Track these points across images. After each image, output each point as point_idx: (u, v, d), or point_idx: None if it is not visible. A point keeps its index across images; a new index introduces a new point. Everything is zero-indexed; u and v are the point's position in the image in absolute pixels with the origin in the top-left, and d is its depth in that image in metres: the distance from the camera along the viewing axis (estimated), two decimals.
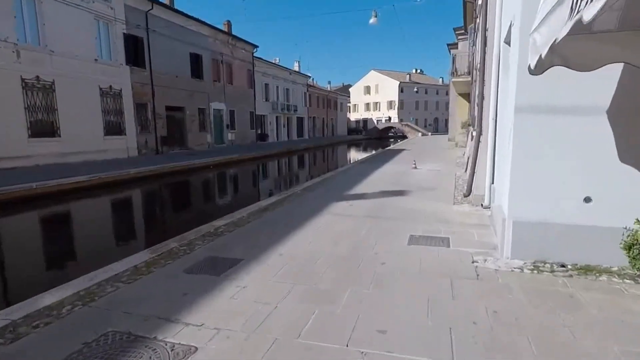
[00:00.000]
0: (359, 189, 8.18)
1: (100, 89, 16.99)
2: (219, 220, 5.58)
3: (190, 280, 3.42)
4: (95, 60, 16.73)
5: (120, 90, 18.06)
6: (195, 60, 23.72)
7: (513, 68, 3.63)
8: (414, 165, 11.77)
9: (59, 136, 15.13)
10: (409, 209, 6.02)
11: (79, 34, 15.83)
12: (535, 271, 3.31)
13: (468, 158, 10.30)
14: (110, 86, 17.46)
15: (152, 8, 19.47)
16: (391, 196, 7.17)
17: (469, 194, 6.13)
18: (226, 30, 27.89)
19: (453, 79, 15.64)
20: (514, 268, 3.39)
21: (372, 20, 14.33)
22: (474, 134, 9.76)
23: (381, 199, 6.94)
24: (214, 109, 25.80)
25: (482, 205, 5.78)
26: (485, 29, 5.77)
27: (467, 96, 21.55)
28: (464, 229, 4.80)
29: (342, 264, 3.67)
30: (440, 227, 4.87)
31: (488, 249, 3.97)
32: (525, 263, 3.46)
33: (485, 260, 3.62)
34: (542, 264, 3.43)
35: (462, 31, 21.28)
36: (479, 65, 9.15)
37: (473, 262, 3.59)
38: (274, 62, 38.70)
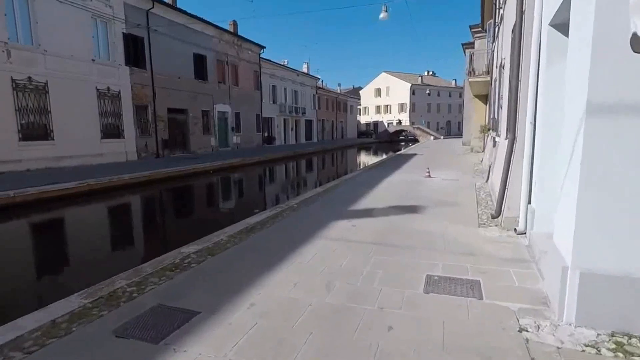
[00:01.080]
0: (365, 202, 7.11)
1: (98, 90, 16.28)
2: (191, 246, 4.58)
3: (116, 350, 2.41)
4: (93, 60, 16.03)
5: (119, 92, 17.34)
6: (199, 61, 22.97)
7: (581, 51, 2.53)
8: (427, 173, 10.64)
9: (52, 139, 14.42)
10: (424, 232, 4.93)
11: (74, 33, 15.15)
12: (621, 354, 2.20)
13: (490, 167, 9.15)
14: (108, 87, 16.75)
15: (153, 7, 18.77)
16: (402, 213, 6.08)
17: (498, 215, 5.01)
18: (232, 30, 27.13)
19: (470, 79, 14.47)
20: (585, 345, 2.29)
21: (382, 15, 13.28)
22: (497, 139, 8.62)
23: (390, 217, 5.85)
24: (218, 112, 25.01)
25: (515, 230, 4.66)
26: (522, 12, 4.67)
27: (484, 98, 20.30)
28: (497, 266, 3.70)
29: (331, 327, 2.62)
30: (466, 263, 3.77)
31: (537, 304, 2.87)
32: (600, 336, 2.36)
33: (538, 327, 2.52)
34: (627, 337, 2.33)
35: (479, 28, 20.05)
36: (503, 62, 8.02)
37: (520, 331, 2.49)
38: (282, 63, 37.89)
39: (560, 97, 3.92)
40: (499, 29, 10.71)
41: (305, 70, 43.78)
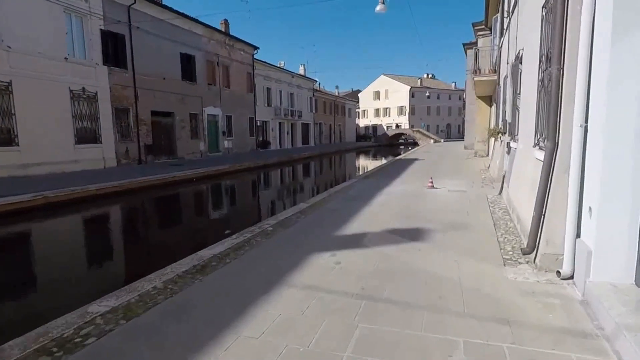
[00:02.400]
0: (356, 224, 5.80)
1: (71, 91, 15.00)
2: (105, 300, 3.27)
3: None
4: (65, 58, 14.76)
5: (96, 93, 16.06)
6: (187, 62, 21.73)
7: None
8: (430, 183, 9.35)
9: (17, 145, 13.12)
10: (431, 276, 3.63)
11: (44, 29, 13.89)
12: None
13: (504, 176, 7.86)
14: (84, 88, 15.47)
15: (134, 2, 17.53)
16: (401, 242, 4.78)
17: (531, 251, 3.71)
18: (223, 29, 25.93)
19: (475, 78, 13.22)
20: None
21: (379, 7, 12.05)
22: (514, 145, 7.34)
23: (385, 248, 4.55)
24: (208, 115, 23.75)
25: (558, 273, 3.37)
26: None
27: (488, 99, 19.08)
28: (549, 346, 2.39)
29: None
30: (499, 340, 2.46)
31: None
32: None
33: None
34: None
35: (483, 26, 18.86)
36: (521, 53, 6.75)
37: None
38: (278, 65, 36.69)
39: (635, 86, 2.64)
40: (509, 20, 9.47)
41: (302, 72, 42.60)
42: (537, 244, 3.64)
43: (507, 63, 9.39)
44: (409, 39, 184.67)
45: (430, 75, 73.73)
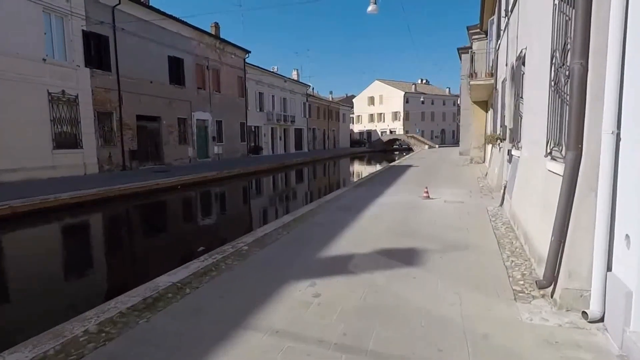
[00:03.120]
0: (343, 243, 5.15)
1: (50, 94, 14.28)
2: (21, 350, 2.59)
3: None
4: (43, 60, 14.05)
5: (77, 96, 15.34)
6: (175, 65, 21.08)
7: None
8: (426, 193, 8.74)
9: None
10: (429, 316, 2.98)
11: (19, 28, 13.19)
12: None
13: (504, 186, 7.27)
14: (63, 91, 14.75)
15: (119, 3, 16.88)
16: (393, 266, 4.13)
17: (549, 284, 3.07)
18: (214, 32, 25.34)
19: (472, 82, 12.70)
20: None
21: (370, 8, 11.51)
22: (516, 153, 6.76)
23: (375, 275, 3.90)
24: (197, 119, 23.07)
25: (584, 315, 2.74)
26: None
27: (484, 104, 18.62)
28: None
29: None
30: None
31: None
32: None
33: None
34: None
35: (477, 30, 18.44)
36: (523, 53, 6.19)
37: None
38: (272, 70, 36.15)
39: None
40: (507, 19, 8.95)
41: (295, 77, 42.12)
42: (556, 276, 3.01)
43: (506, 65, 8.85)
44: (403, 44, 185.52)
45: (424, 81, 73.71)
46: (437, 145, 51.35)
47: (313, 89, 47.28)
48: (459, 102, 66.12)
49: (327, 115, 49.11)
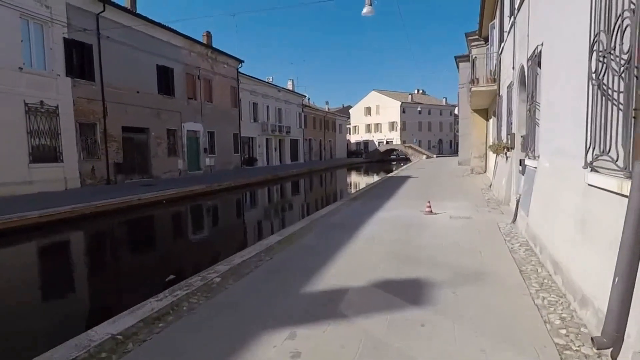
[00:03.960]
0: (333, 273, 4.30)
1: (26, 104, 13.45)
2: None
3: None
4: (20, 69, 13.27)
5: (57, 107, 14.53)
6: (164, 74, 20.37)
7: None
8: (428, 208, 7.92)
9: None
10: None
11: None
12: None
13: (517, 200, 6.49)
14: (42, 101, 13.94)
15: (104, 10, 16.22)
16: (395, 309, 3.28)
17: (612, 343, 2.24)
18: (205, 42, 24.76)
19: (473, 89, 12.02)
20: None
21: (365, 10, 10.87)
22: (531, 163, 5.97)
23: (372, 321, 3.06)
24: (187, 131, 22.28)
25: None
26: None
27: (484, 112, 17.99)
28: None
29: None
30: None
31: None
32: None
33: None
34: None
35: (476, 36, 17.91)
36: (539, 50, 5.47)
37: None
38: (267, 80, 35.62)
39: None
40: (513, 19, 8.29)
41: (290, 87, 41.62)
42: (622, 333, 2.18)
43: (513, 68, 8.16)
44: (401, 54, 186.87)
45: (420, 91, 73.62)
46: (434, 155, 50.77)
47: (309, 99, 46.86)
48: (456, 112, 65.97)
49: (324, 125, 48.53)
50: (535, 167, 5.45)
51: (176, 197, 14.35)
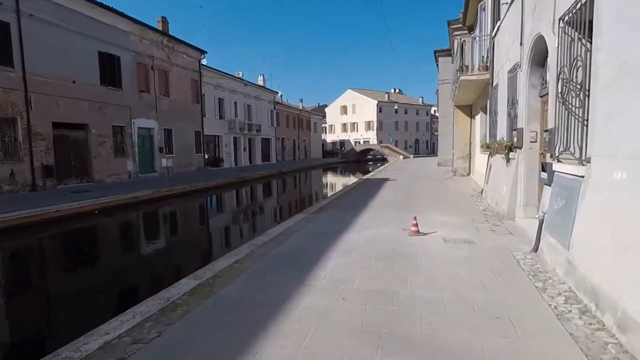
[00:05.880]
0: (280, 344, 2.23)
1: None
2: None
3: None
4: None
5: None
6: (109, 63, 17.68)
7: None
8: (414, 226, 5.98)
9: None
10: None
11: None
12: None
13: (540, 222, 4.62)
14: None
15: None
16: None
17: None
18: (161, 28, 22.13)
19: (462, 77, 10.24)
20: None
21: None
22: (564, 169, 4.05)
23: None
24: (139, 128, 19.63)
25: None
26: None
27: (468, 109, 16.38)
28: None
29: None
30: None
31: None
32: None
33: None
34: None
35: (459, 25, 16.32)
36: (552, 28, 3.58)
37: None
38: (235, 75, 33.15)
39: None
40: None
41: (261, 83, 39.23)
42: None
43: (521, 44, 6.34)
44: (379, 52, 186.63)
45: (397, 90, 72.65)
46: (411, 156, 49.58)
47: (282, 96, 44.55)
48: (433, 111, 65.14)
49: (298, 124, 46.39)
50: (582, 177, 3.57)
51: (112, 206, 11.90)
